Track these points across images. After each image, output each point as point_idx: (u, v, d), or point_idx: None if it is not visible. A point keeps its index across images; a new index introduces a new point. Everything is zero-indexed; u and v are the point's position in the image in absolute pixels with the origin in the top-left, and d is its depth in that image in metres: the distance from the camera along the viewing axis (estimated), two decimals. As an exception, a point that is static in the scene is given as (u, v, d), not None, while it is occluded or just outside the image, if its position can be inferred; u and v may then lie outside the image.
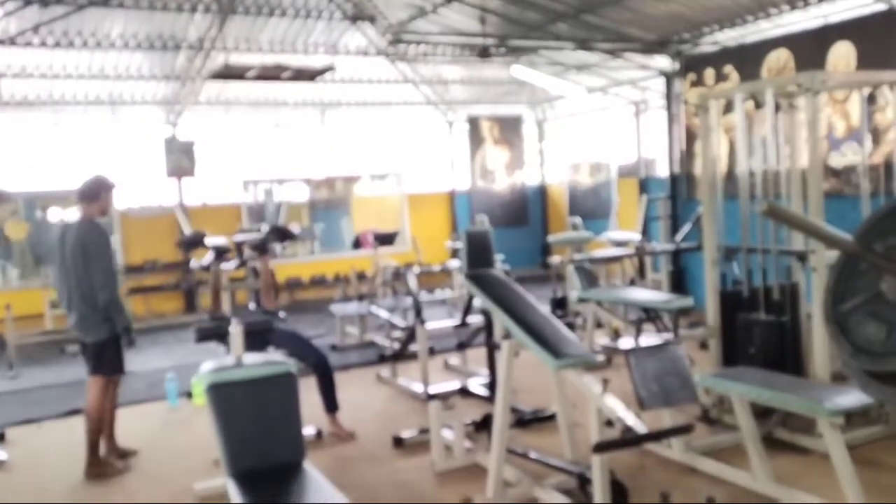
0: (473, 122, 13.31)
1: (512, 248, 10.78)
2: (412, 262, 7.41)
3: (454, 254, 11.57)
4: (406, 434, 5.07)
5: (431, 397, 5.93)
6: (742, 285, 5.14)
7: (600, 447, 3.33)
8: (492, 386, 5.74)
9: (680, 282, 8.35)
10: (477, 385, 6.12)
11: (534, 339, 3.78)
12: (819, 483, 3.91)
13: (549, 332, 3.89)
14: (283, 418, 3.54)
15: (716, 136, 5.14)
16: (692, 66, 8.79)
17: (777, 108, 5.11)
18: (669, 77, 8.95)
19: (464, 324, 6.22)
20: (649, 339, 4.62)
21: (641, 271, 8.97)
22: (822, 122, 5.89)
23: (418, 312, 6.11)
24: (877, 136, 6.77)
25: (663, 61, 9.36)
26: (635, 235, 8.58)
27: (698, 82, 8.68)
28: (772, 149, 5.16)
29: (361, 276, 11.22)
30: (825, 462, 3.83)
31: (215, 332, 4.20)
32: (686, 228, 5.90)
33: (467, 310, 6.13)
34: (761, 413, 4.66)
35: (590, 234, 7.22)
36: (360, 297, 8.53)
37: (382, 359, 7.34)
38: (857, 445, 4.30)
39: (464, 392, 6.10)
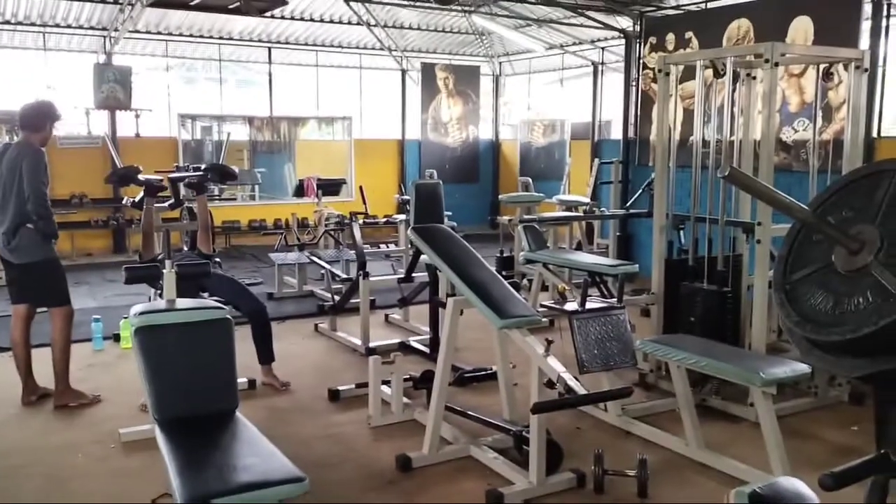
0: (428, 71, 13.00)
1: (461, 205, 10.65)
2: (357, 213, 7.20)
3: (401, 207, 11.44)
4: (342, 387, 4.95)
5: (371, 352, 5.82)
6: (688, 254, 5.15)
7: (539, 408, 3.28)
8: (433, 343, 5.68)
9: (627, 248, 8.38)
10: (417, 342, 6.04)
11: (479, 297, 3.69)
12: (748, 451, 3.97)
13: (495, 291, 3.79)
14: (215, 365, 3.41)
15: (672, 102, 5.06)
16: (653, 28, 8.70)
17: (735, 77, 5.06)
18: (630, 38, 8.84)
19: (408, 279, 6.09)
20: (593, 303, 4.55)
21: (590, 236, 8.98)
22: (777, 96, 5.87)
23: (362, 265, 5.96)
24: (828, 113, 6.80)
25: (625, 22, 9.24)
26: (584, 199, 8.55)
27: (658, 46, 8.59)
28: (727, 119, 5.12)
29: (303, 225, 11.00)
30: (756, 431, 3.89)
31: (147, 274, 3.97)
32: (637, 195, 5.86)
33: (413, 265, 6.00)
34: (697, 380, 4.72)
35: (541, 195, 7.13)
36: (301, 247, 8.32)
37: (322, 310, 7.18)
38: (786, 416, 4.39)
39: (404, 348, 6.00)
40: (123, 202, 6.07)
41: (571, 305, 4.59)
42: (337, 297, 7.35)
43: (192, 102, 11.99)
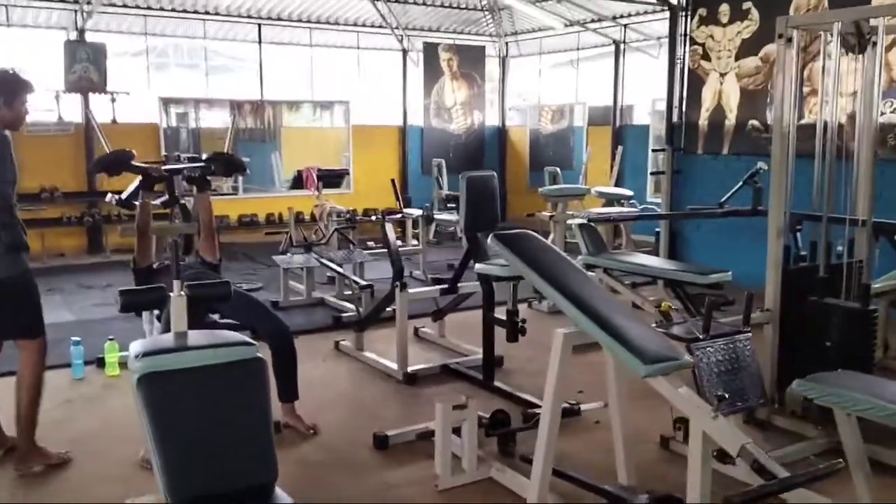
0: (430, 51, 11.96)
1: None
2: (392, 211, 6.19)
3: (400, 199, 10.44)
4: (391, 432, 3.95)
5: (411, 378, 4.84)
6: (806, 261, 4.23)
7: (734, 502, 2.30)
8: (486, 366, 4.71)
9: (672, 248, 7.46)
10: (461, 364, 5.06)
11: (610, 333, 2.71)
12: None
13: (624, 323, 2.82)
14: (246, 422, 2.54)
15: (791, 76, 4.10)
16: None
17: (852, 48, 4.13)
18: (675, 11, 7.89)
19: (453, 289, 5.10)
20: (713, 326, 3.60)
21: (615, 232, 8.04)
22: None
23: (398, 273, 4.93)
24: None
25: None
26: (627, 191, 7.61)
27: (710, 19, 7.64)
28: (862, 97, 4.18)
29: (299, 220, 9.94)
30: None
31: (150, 300, 2.95)
32: (735, 188, 4.94)
33: (460, 273, 5.01)
34: (816, 416, 3.83)
35: (586, 188, 6.15)
36: (308, 247, 7.26)
37: (338, 323, 6.17)
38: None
39: (447, 371, 5.02)
40: (107, 198, 4.96)
41: (681, 329, 3.66)
42: (350, 306, 6.38)
43: (167, 88, 10.79)
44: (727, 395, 2.70)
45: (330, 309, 6.76)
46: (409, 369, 4.91)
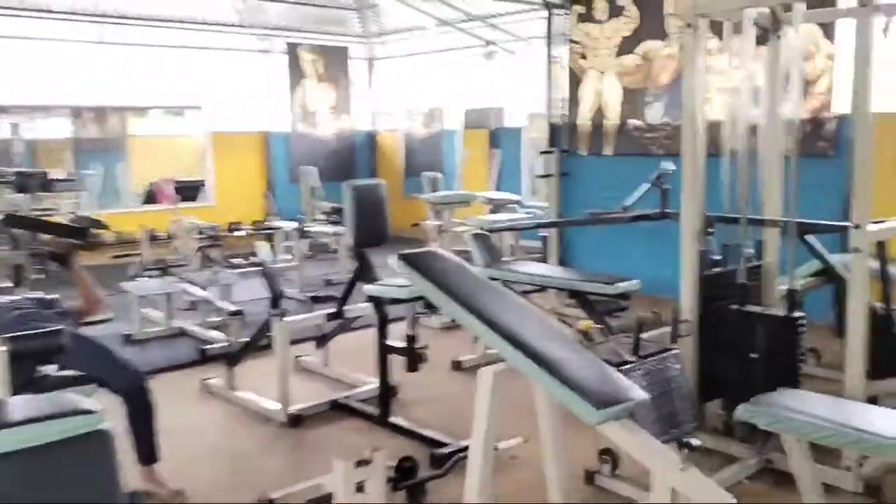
0: (293, 52, 11.22)
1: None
2: (260, 222, 5.49)
3: (269, 211, 9.70)
4: (276, 495, 3.31)
5: (296, 420, 4.20)
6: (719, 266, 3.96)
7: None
8: (382, 400, 4.17)
9: (564, 254, 7.18)
10: (353, 398, 4.49)
11: (553, 374, 2.24)
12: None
13: (565, 355, 2.36)
14: None
15: (702, 69, 3.81)
16: (582, -4, 7.54)
17: (764, 38, 3.92)
18: (551, 9, 7.63)
19: (339, 314, 4.49)
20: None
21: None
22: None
23: (276, 300, 4.27)
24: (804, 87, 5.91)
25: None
26: (515, 196, 7.26)
27: (587, 17, 7.43)
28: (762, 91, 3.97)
29: (153, 239, 8.97)
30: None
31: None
32: (641, 191, 4.63)
33: (347, 295, 4.43)
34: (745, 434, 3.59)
35: (473, 194, 5.73)
36: (165, 269, 6.43)
37: (204, 357, 5.41)
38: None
39: (338, 408, 4.43)
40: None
41: (606, 351, 3.27)
42: (218, 335, 5.65)
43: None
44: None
45: (194, 340, 5.96)
46: (293, 409, 4.27)
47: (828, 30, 5.77)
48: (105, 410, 2.14)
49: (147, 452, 3.43)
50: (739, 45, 3.88)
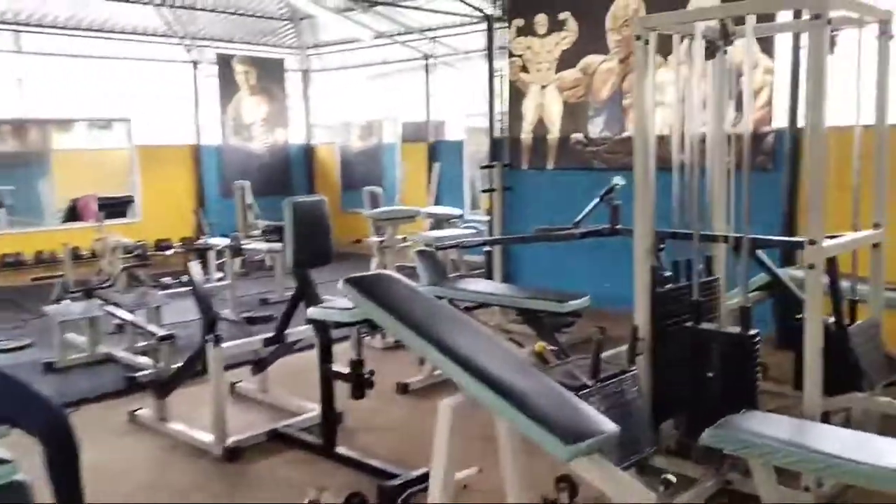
0: (224, 63, 10.87)
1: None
2: (191, 239, 5.19)
3: (200, 228, 9.33)
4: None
5: (232, 454, 3.94)
6: (670, 282, 3.89)
7: None
8: (326, 428, 3.95)
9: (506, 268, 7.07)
10: (294, 427, 4.25)
11: (520, 408, 2.08)
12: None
13: (531, 387, 2.21)
14: None
15: (651, 81, 3.75)
16: (519, 10, 7.44)
17: (712, 52, 3.89)
18: (491, 22, 7.54)
19: (278, 338, 4.25)
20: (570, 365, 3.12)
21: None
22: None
23: (211, 325, 3.99)
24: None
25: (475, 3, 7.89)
26: (456, 210, 7.12)
27: (527, 30, 7.36)
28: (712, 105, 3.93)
29: (76, 258, 8.53)
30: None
31: None
32: (591, 206, 4.52)
33: (287, 320, 4.19)
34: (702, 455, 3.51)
35: (417, 209, 5.57)
36: (90, 292, 6.05)
37: (133, 385, 5.08)
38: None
39: (278, 438, 4.18)
40: None
41: (563, 374, 3.14)
42: (147, 361, 5.32)
43: None
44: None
45: (121, 367, 5.60)
46: (230, 441, 4.00)
47: (766, 45, 5.83)
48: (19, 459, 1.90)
49: (70, 498, 3.12)
50: (687, 58, 3.84)
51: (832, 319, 3.87)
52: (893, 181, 3.90)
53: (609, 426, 2.17)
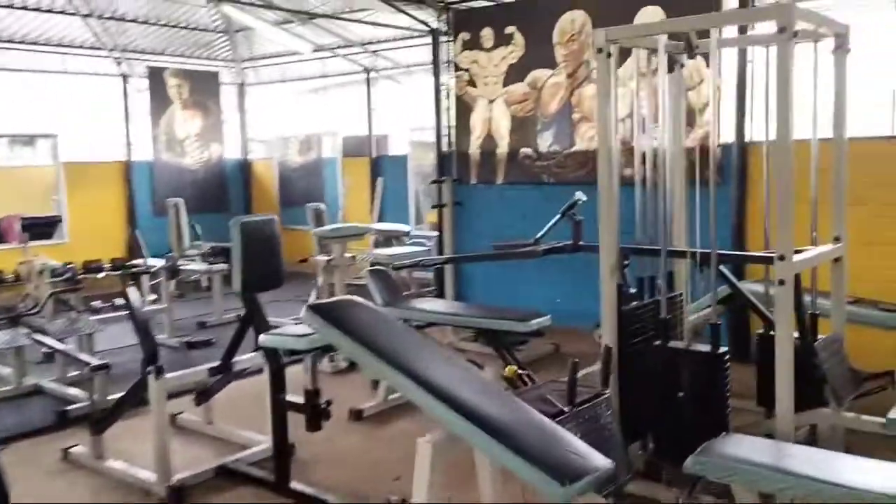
0: (156, 77, 10.46)
1: (212, 240, 8.22)
2: (123, 259, 4.88)
3: (138, 249, 8.89)
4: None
5: (177, 493, 3.66)
6: (636, 299, 3.81)
7: None
8: (279, 462, 3.71)
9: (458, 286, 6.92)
10: (243, 461, 3.99)
11: (512, 448, 1.92)
12: None
13: (517, 423, 2.06)
14: None
15: (614, 95, 3.66)
16: (465, 24, 7.35)
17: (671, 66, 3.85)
18: (437, 36, 7.43)
19: (225, 367, 3.99)
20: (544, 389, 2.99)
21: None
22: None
23: (152, 356, 3.71)
24: (690, 116, 5.97)
25: (421, 16, 7.76)
26: (405, 226, 6.95)
27: (473, 43, 7.27)
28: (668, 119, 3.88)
29: (0, 281, 8.07)
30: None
31: None
32: (553, 222, 4.40)
33: (234, 348, 3.94)
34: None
35: (367, 226, 5.38)
36: (15, 319, 5.63)
37: (64, 420, 4.72)
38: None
39: (225, 473, 3.91)
40: None
41: (537, 399, 3.00)
42: (79, 393, 4.98)
43: None
44: None
45: (51, 400, 5.23)
46: (175, 479, 3.72)
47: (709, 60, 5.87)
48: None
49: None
50: (645, 72, 3.79)
51: (796, 334, 3.85)
52: (851, 195, 3.90)
53: (601, 461, 2.03)
